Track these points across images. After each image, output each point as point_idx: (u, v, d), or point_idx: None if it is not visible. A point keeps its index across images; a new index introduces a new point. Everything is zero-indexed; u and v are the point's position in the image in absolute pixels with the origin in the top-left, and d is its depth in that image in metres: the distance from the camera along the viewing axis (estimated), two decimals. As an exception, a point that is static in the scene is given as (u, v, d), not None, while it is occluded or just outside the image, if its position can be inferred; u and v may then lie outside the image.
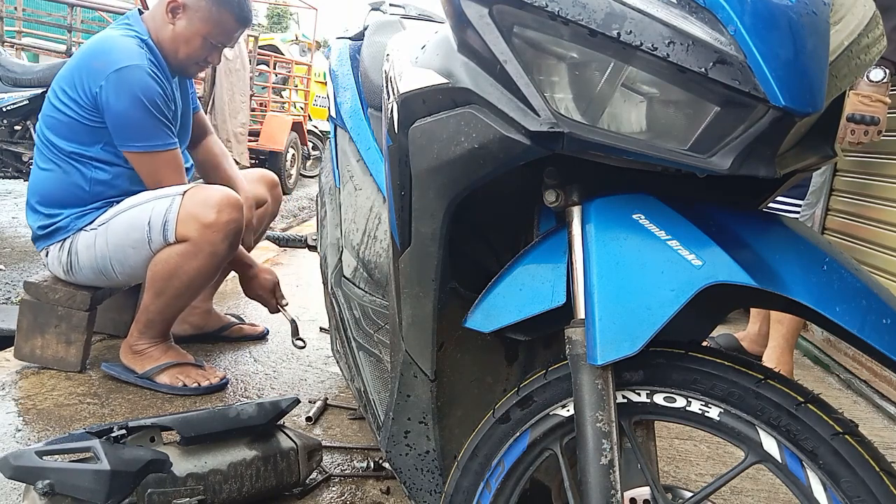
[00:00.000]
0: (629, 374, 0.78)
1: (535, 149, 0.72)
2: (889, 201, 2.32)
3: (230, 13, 1.84)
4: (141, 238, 1.74)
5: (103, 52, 1.76)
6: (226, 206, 1.73)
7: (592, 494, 0.75)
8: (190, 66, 1.90)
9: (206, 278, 1.81)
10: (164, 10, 1.81)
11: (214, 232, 1.71)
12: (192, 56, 1.86)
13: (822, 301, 0.66)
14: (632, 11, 0.63)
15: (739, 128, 0.64)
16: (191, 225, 1.70)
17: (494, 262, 1.02)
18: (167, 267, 1.74)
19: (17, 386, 1.77)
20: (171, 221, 1.71)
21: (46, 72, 3.94)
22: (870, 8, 0.73)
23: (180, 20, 1.82)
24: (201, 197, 1.73)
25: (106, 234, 1.77)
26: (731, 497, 1.54)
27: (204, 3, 1.81)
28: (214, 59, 1.93)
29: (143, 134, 1.75)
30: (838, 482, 0.66)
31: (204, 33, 1.83)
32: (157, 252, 1.74)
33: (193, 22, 1.82)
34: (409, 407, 1.03)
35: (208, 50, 1.87)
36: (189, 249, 1.72)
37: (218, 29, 1.85)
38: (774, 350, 2.12)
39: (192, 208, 1.71)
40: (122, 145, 1.76)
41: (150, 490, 1.15)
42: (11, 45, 5.45)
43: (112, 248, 1.77)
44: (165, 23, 1.82)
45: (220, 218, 1.71)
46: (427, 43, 0.93)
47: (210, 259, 1.75)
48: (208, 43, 1.85)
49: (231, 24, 1.86)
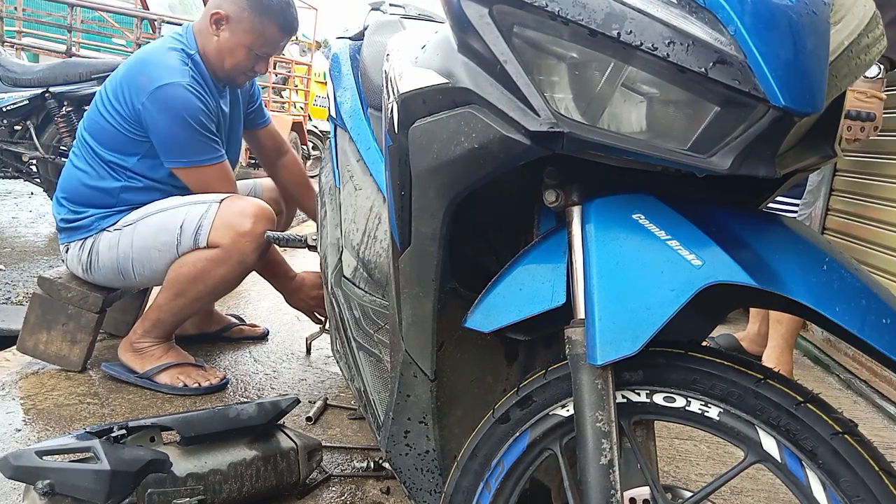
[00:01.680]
0: (629, 374, 0.78)
1: (535, 149, 0.72)
2: (889, 201, 2.32)
3: (273, 23, 1.84)
4: (170, 241, 1.75)
5: (148, 66, 1.77)
6: (262, 218, 1.76)
7: (592, 494, 0.75)
8: (237, 77, 1.91)
9: (229, 286, 1.83)
10: (208, 22, 1.82)
11: (248, 242, 1.74)
12: (238, 67, 1.86)
13: (822, 301, 0.66)
14: (632, 11, 0.63)
15: (739, 128, 0.64)
16: (225, 232, 1.72)
17: (494, 262, 1.02)
18: (193, 270, 1.75)
19: (17, 386, 1.77)
20: (205, 227, 1.72)
21: (46, 72, 3.94)
22: (870, 8, 0.73)
23: (224, 32, 1.82)
24: (238, 206, 1.76)
25: (132, 236, 1.78)
26: (731, 497, 1.54)
27: (247, 14, 1.81)
28: (261, 69, 1.94)
29: (189, 150, 1.77)
30: (838, 482, 0.66)
31: (248, 44, 1.83)
32: (183, 255, 1.75)
33: (237, 33, 1.82)
34: (408, 407, 1.03)
35: (253, 60, 1.88)
36: (219, 256, 1.73)
37: (262, 39, 1.84)
38: (774, 350, 2.12)
39: (228, 217, 1.73)
40: (168, 162, 1.79)
41: (150, 490, 1.15)
42: (11, 45, 5.46)
43: (136, 250, 1.78)
44: (210, 34, 1.83)
45: (255, 229, 1.74)
46: (427, 43, 0.93)
47: (237, 267, 1.77)
48: (253, 53, 1.86)
49: (275, 34, 1.86)
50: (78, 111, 3.94)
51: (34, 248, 3.72)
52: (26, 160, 4.08)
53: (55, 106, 3.88)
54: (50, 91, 3.85)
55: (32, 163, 4.14)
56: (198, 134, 1.76)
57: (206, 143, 1.79)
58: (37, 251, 3.66)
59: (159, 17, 5.64)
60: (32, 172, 4.22)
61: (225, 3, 1.82)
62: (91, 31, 6.50)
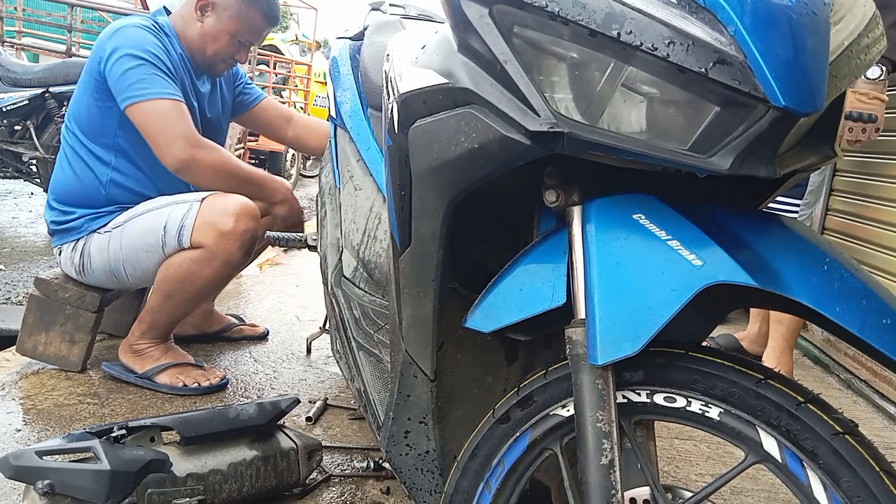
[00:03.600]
0: (629, 374, 0.78)
1: (535, 149, 0.72)
2: (889, 201, 2.32)
3: (258, 11, 1.87)
4: (155, 242, 1.74)
5: (112, 31, 1.78)
6: (243, 215, 1.74)
7: (592, 494, 0.75)
8: (217, 64, 1.92)
9: (218, 285, 1.83)
10: (192, 8, 1.85)
11: (231, 240, 1.72)
12: (220, 53, 1.89)
13: (822, 301, 0.66)
14: (632, 11, 0.63)
15: (739, 128, 0.64)
16: (207, 232, 1.71)
17: (494, 262, 1.02)
18: (180, 271, 1.74)
19: (17, 386, 1.77)
20: (187, 227, 1.72)
21: (46, 72, 3.95)
22: (870, 8, 0.73)
23: (209, 17, 1.85)
24: (220, 205, 1.74)
25: (120, 238, 1.78)
26: (731, 497, 1.54)
27: (233, 1, 1.84)
28: (241, 57, 1.95)
29: (140, 84, 1.70)
30: (838, 482, 0.66)
31: (232, 31, 1.86)
32: (170, 256, 1.75)
33: (222, 19, 1.85)
34: (409, 407, 1.03)
35: (235, 48, 1.90)
36: (204, 256, 1.72)
37: (245, 26, 1.87)
38: (774, 350, 2.12)
39: (209, 216, 1.72)
40: (122, 101, 1.71)
41: (150, 490, 1.15)
42: (11, 45, 5.46)
43: (126, 252, 1.78)
44: (194, 20, 1.85)
45: (237, 227, 1.72)
46: (427, 43, 0.93)
47: (224, 267, 1.76)
48: (235, 41, 1.88)
49: (259, 22, 1.89)
50: (78, 111, 3.93)
51: (34, 248, 3.72)
52: (26, 160, 4.08)
53: (55, 106, 3.88)
54: (50, 91, 3.85)
55: (32, 163, 4.14)
56: (151, 67, 1.71)
57: (160, 78, 1.73)
58: (37, 251, 3.66)
59: (159, 17, 5.62)
60: (32, 172, 4.22)
61: None
62: (91, 31, 6.49)
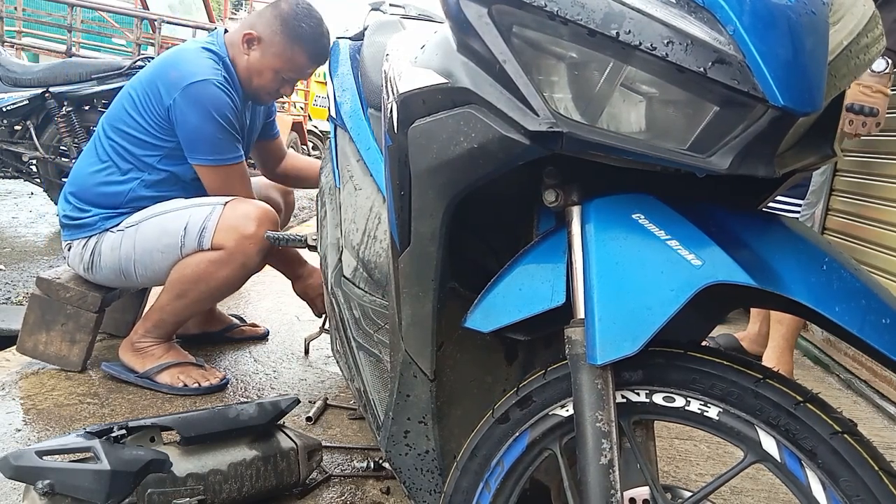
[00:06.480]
0: (629, 374, 0.78)
1: (535, 148, 0.72)
2: (889, 201, 2.32)
3: (303, 51, 1.85)
4: (173, 243, 1.75)
5: (180, 64, 1.78)
6: (265, 221, 1.77)
7: (592, 494, 0.75)
8: (262, 96, 1.93)
9: (232, 287, 1.84)
10: (240, 40, 1.84)
11: (251, 244, 1.74)
12: (264, 87, 1.89)
13: (822, 301, 0.66)
14: (631, 11, 0.63)
15: (738, 127, 0.64)
16: (229, 235, 1.73)
17: (494, 261, 1.02)
18: (196, 271, 1.75)
19: (17, 386, 1.77)
20: (209, 229, 1.73)
21: (46, 72, 3.95)
22: (869, 7, 0.73)
23: (254, 52, 1.84)
24: (243, 210, 1.76)
25: (134, 238, 1.78)
26: (731, 497, 1.54)
27: (279, 38, 1.82)
28: (286, 91, 1.96)
29: (215, 147, 1.78)
30: (837, 481, 0.66)
31: (276, 67, 1.85)
32: (186, 256, 1.76)
33: (266, 56, 1.84)
34: (408, 407, 1.03)
35: (280, 83, 1.90)
36: (222, 257, 1.74)
37: (290, 65, 1.86)
38: (774, 350, 2.12)
39: (232, 219, 1.74)
40: (194, 158, 1.79)
41: (150, 490, 1.15)
42: (11, 45, 5.46)
43: (139, 251, 1.78)
44: (241, 52, 1.85)
45: (259, 231, 1.74)
46: (426, 43, 0.93)
47: (240, 269, 1.78)
48: (280, 77, 1.88)
49: (303, 61, 1.88)
50: (78, 111, 3.94)
51: (34, 248, 3.72)
52: (26, 160, 4.09)
53: (55, 106, 3.88)
54: (50, 91, 3.85)
55: (32, 163, 4.15)
56: (225, 132, 1.77)
57: (231, 141, 1.80)
58: (37, 251, 3.66)
59: (159, 17, 5.64)
60: (32, 172, 4.23)
61: (259, 24, 1.84)
62: (91, 31, 6.51)
